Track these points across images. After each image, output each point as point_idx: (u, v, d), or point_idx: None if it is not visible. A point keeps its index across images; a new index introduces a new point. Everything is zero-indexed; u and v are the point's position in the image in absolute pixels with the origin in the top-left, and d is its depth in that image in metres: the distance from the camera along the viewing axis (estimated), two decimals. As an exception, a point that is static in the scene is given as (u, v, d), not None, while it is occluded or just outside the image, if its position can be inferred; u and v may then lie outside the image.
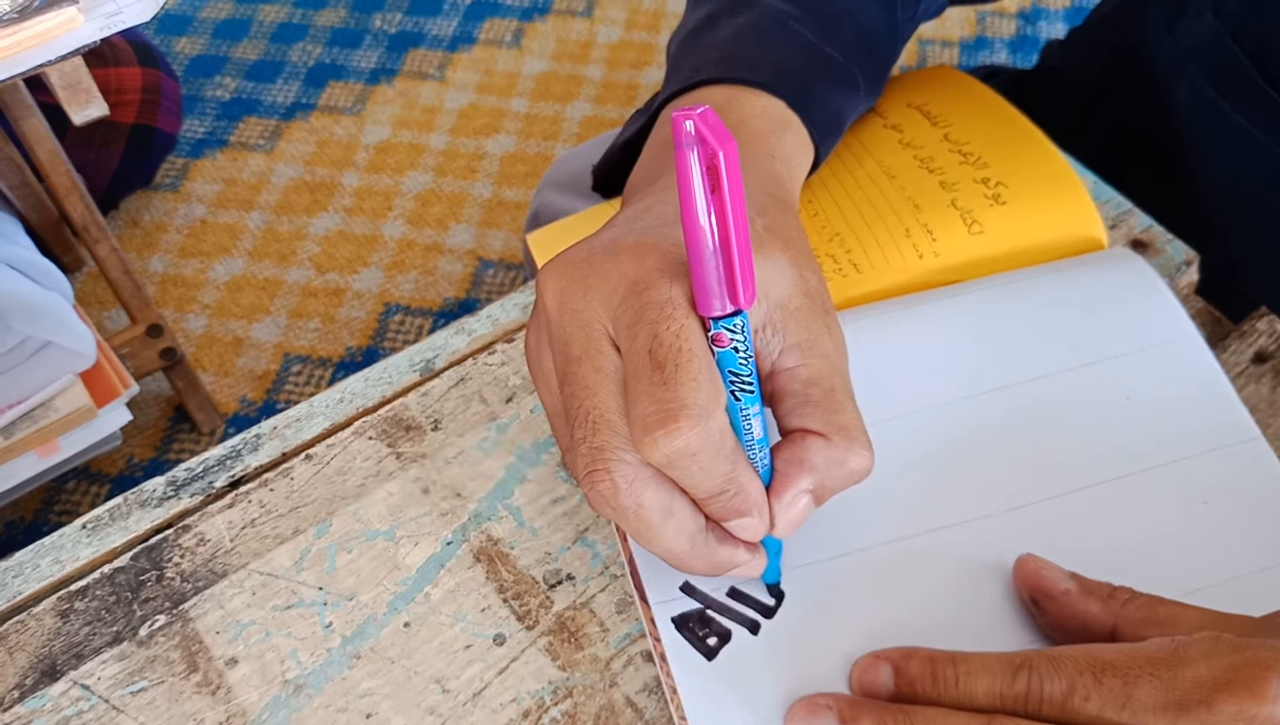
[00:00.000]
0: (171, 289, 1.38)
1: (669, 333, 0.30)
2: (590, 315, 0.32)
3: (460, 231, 1.44)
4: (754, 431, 0.32)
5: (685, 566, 0.33)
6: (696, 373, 0.29)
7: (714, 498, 0.31)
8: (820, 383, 0.32)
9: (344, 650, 0.37)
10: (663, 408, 0.29)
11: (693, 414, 0.29)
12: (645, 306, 0.30)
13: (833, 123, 0.42)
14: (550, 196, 0.66)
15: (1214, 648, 0.29)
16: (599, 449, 0.31)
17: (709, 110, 0.28)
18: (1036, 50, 1.62)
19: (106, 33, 0.75)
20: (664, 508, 0.31)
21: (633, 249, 0.32)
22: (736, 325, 0.30)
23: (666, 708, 0.35)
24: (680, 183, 0.28)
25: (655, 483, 0.31)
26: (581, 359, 0.31)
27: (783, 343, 0.32)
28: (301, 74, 1.63)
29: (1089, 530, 0.36)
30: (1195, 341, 0.40)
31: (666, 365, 0.29)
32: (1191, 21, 0.54)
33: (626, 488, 0.31)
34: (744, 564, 0.33)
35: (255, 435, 0.42)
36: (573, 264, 0.33)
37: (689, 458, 0.30)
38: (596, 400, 0.31)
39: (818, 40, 0.42)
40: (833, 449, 0.32)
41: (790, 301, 0.32)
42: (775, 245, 0.33)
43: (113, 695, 0.36)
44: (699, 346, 0.30)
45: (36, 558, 0.40)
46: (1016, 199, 0.44)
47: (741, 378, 0.31)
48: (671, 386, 0.29)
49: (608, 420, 0.31)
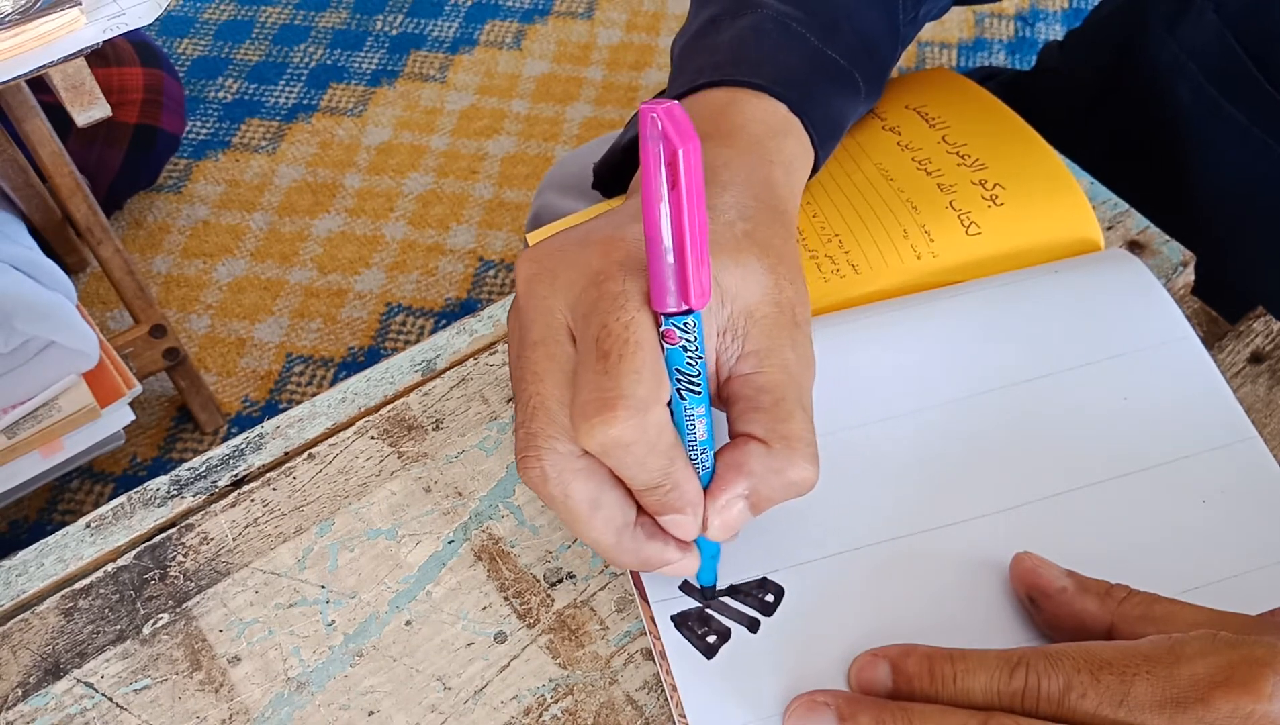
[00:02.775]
0: (174, 289, 1.39)
1: (618, 323, 0.30)
2: (553, 303, 0.32)
3: (461, 232, 1.44)
4: (697, 432, 0.32)
5: (612, 559, 0.33)
6: (639, 365, 0.30)
7: (648, 491, 0.32)
8: (772, 391, 0.32)
9: (346, 648, 0.37)
10: (601, 396, 0.29)
11: (630, 405, 0.29)
12: (600, 297, 0.31)
13: (833, 126, 0.43)
14: (551, 198, 0.67)
15: (1211, 645, 0.29)
16: (533, 435, 0.31)
17: (677, 106, 0.28)
18: (1034, 52, 1.62)
19: (109, 34, 0.76)
20: (591, 499, 0.32)
21: (601, 242, 0.32)
22: (687, 324, 0.30)
23: (666, 705, 0.36)
24: (643, 176, 0.28)
25: (585, 474, 0.31)
26: (537, 345, 0.32)
27: (741, 349, 0.32)
28: (303, 76, 1.63)
29: (1086, 529, 0.37)
30: (1192, 342, 0.41)
31: (611, 355, 0.30)
32: (1193, 21, 0.54)
33: (555, 477, 0.31)
34: (674, 563, 0.33)
35: (258, 435, 0.43)
36: (546, 253, 0.33)
37: (623, 448, 0.30)
38: (541, 386, 0.31)
39: (820, 43, 0.43)
40: (772, 457, 0.31)
41: (757, 309, 0.32)
42: (752, 251, 0.33)
43: (116, 693, 0.37)
44: (647, 340, 0.30)
45: (40, 556, 0.40)
46: (1013, 200, 0.45)
47: (688, 377, 0.31)
48: (613, 376, 0.30)
49: (547, 408, 0.31)
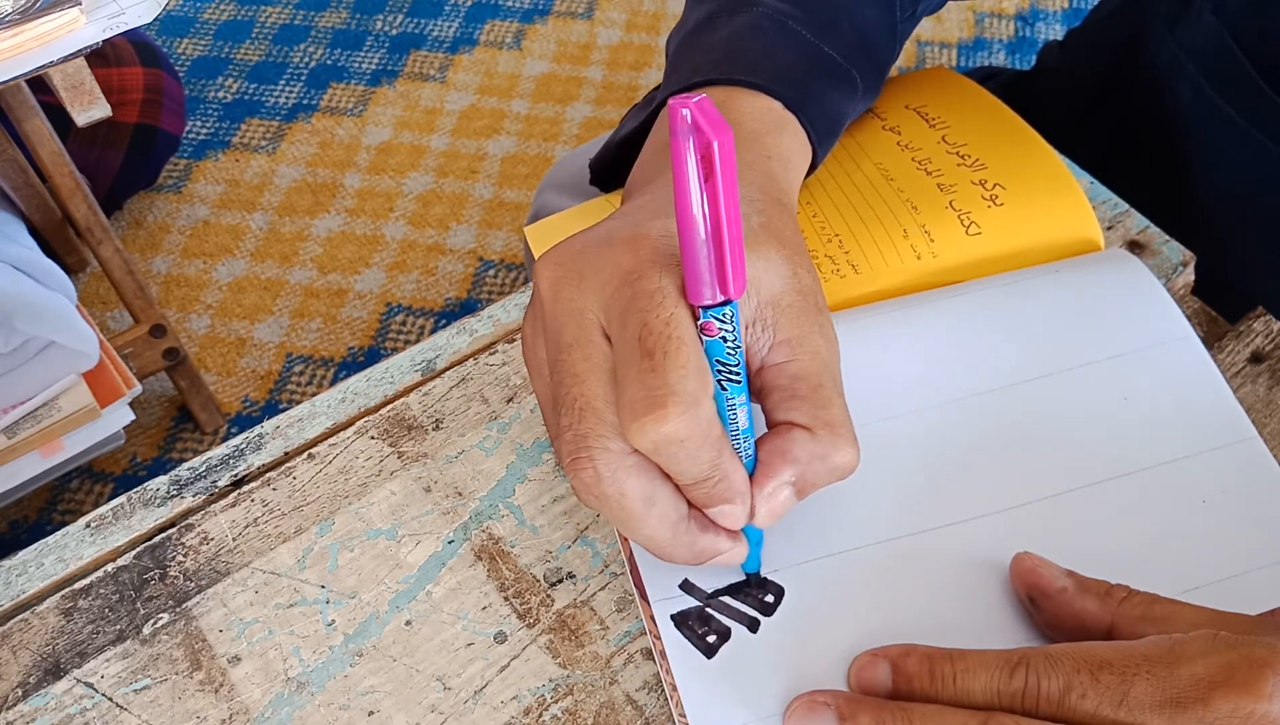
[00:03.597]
0: (174, 289, 1.39)
1: (659, 321, 0.30)
2: (583, 305, 0.32)
3: (461, 232, 1.44)
4: (739, 421, 0.32)
5: (667, 554, 0.33)
6: (685, 360, 0.30)
7: (699, 484, 0.32)
8: (808, 378, 0.32)
9: (346, 648, 0.37)
10: (651, 394, 0.29)
11: (680, 400, 0.29)
12: (636, 295, 0.31)
13: (831, 123, 0.43)
14: (551, 197, 0.67)
15: (1211, 645, 0.29)
16: (583, 437, 0.31)
17: (706, 99, 0.28)
18: (1034, 52, 1.62)
19: (109, 34, 0.76)
20: (646, 496, 0.31)
21: (627, 240, 0.32)
22: (725, 315, 0.30)
23: (666, 705, 0.36)
24: (675, 171, 0.28)
25: (638, 471, 0.31)
26: (572, 347, 0.32)
27: (773, 338, 0.32)
28: (303, 75, 1.63)
29: (1086, 529, 0.37)
30: (1192, 342, 0.41)
31: (655, 352, 0.30)
32: (1193, 22, 0.54)
33: (609, 476, 0.31)
34: (725, 552, 0.33)
35: (258, 435, 0.43)
36: (568, 255, 0.33)
37: (676, 444, 0.30)
38: (584, 387, 0.31)
39: (816, 40, 0.43)
40: (816, 443, 0.32)
41: (782, 298, 0.33)
42: (770, 243, 0.33)
43: (116, 693, 0.37)
44: (688, 335, 0.30)
45: (40, 556, 0.40)
46: (1013, 200, 0.45)
47: (729, 367, 0.31)
48: (660, 373, 0.29)
49: (594, 408, 0.31)
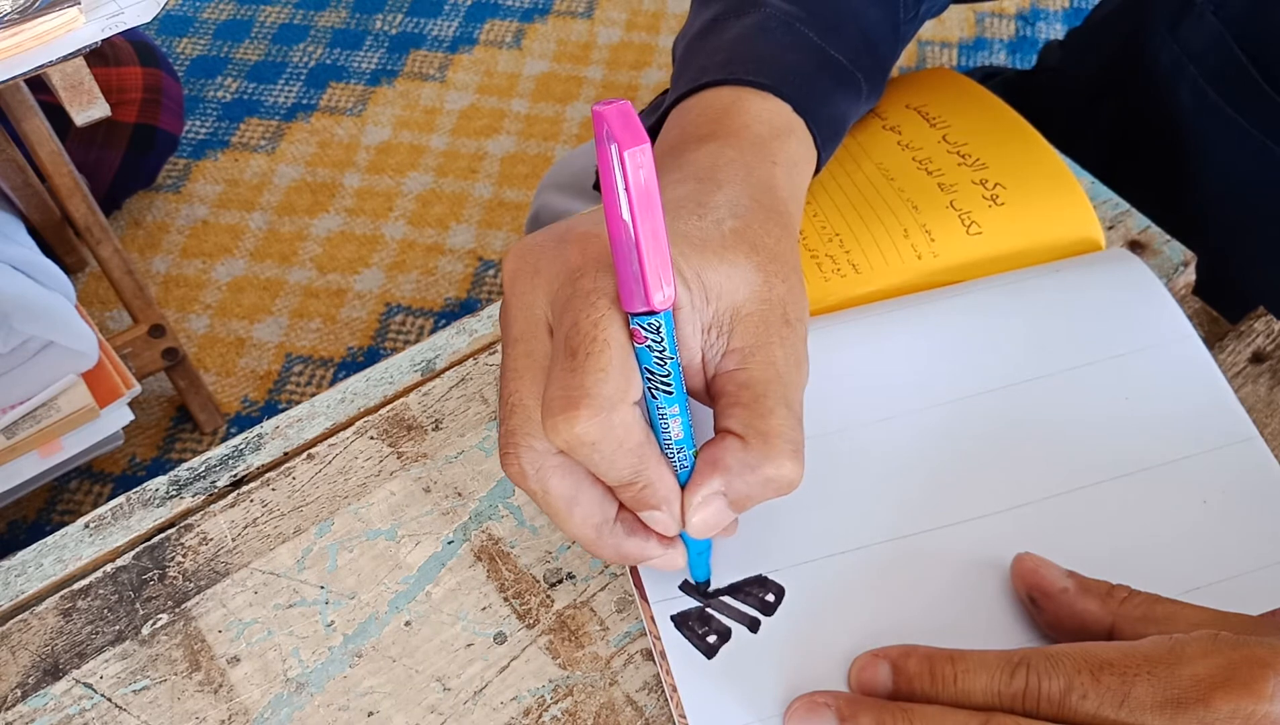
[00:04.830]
0: (174, 289, 1.38)
1: (588, 321, 0.30)
2: (533, 299, 0.32)
3: (461, 232, 1.44)
4: (672, 431, 0.31)
5: (594, 553, 0.33)
6: (606, 364, 0.30)
7: (622, 488, 0.32)
8: (753, 387, 0.32)
9: (345, 649, 0.37)
10: (566, 394, 0.30)
11: (593, 403, 0.29)
12: (574, 294, 0.31)
13: (836, 126, 0.42)
14: (551, 197, 0.67)
15: (1212, 646, 0.29)
16: (511, 432, 0.32)
17: (626, 105, 0.27)
18: (1035, 51, 1.62)
19: (108, 33, 0.75)
20: (569, 496, 0.32)
21: (580, 238, 0.32)
22: (651, 324, 0.30)
23: (666, 706, 0.35)
24: (601, 177, 0.28)
25: (562, 471, 0.31)
26: (517, 342, 0.32)
27: (726, 346, 0.32)
28: (303, 75, 1.63)
29: (1087, 529, 0.36)
30: (1193, 342, 0.41)
31: (579, 352, 0.30)
32: (1194, 23, 0.54)
33: (534, 473, 0.31)
34: (657, 558, 0.33)
35: (257, 435, 0.42)
36: (530, 249, 0.33)
37: (588, 446, 0.30)
38: (519, 384, 0.32)
39: (823, 43, 0.43)
40: (748, 452, 0.31)
41: (744, 306, 0.32)
42: (740, 249, 0.33)
43: (115, 694, 0.37)
44: (615, 338, 0.30)
45: (39, 557, 0.40)
46: (1014, 200, 0.44)
47: (658, 377, 0.31)
48: (579, 374, 0.30)
49: (524, 404, 0.31)
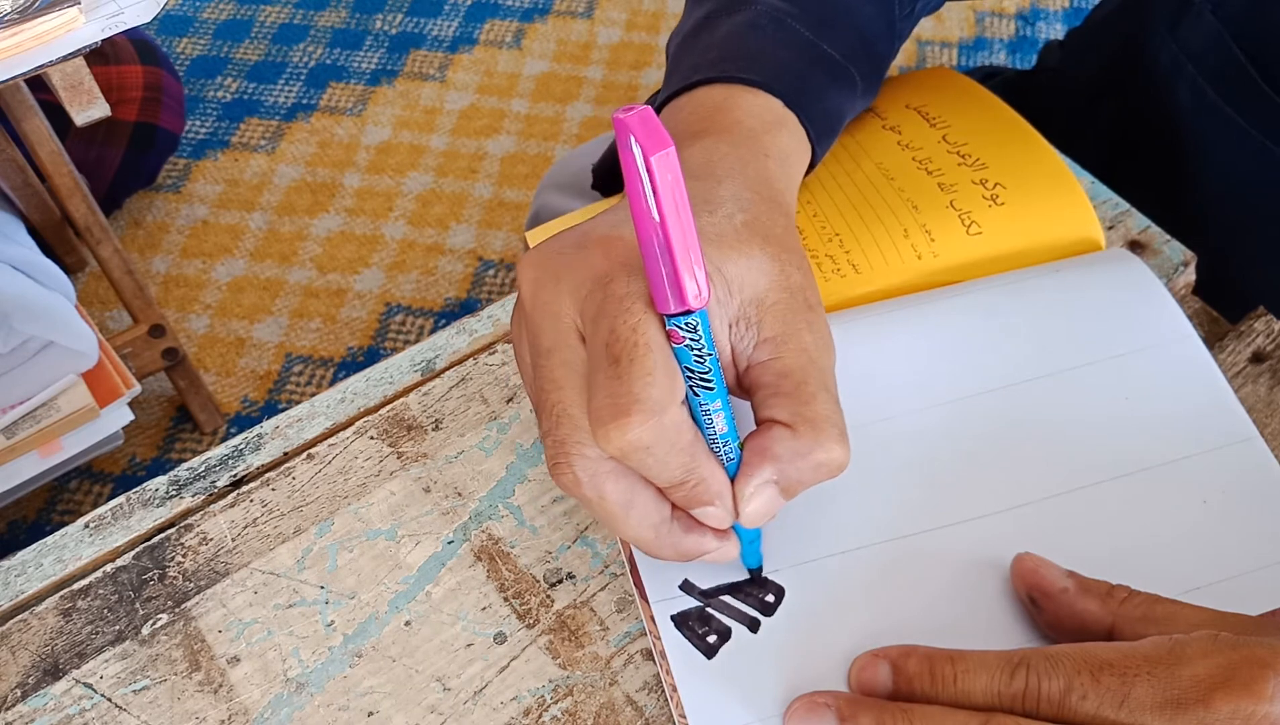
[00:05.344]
0: (174, 289, 1.38)
1: (625, 327, 0.30)
2: (560, 308, 0.32)
3: (461, 232, 1.44)
4: (716, 426, 0.32)
5: (654, 554, 0.33)
6: (650, 367, 0.30)
7: (675, 488, 0.32)
8: (791, 375, 0.32)
9: (345, 649, 0.37)
10: (615, 401, 0.29)
11: (644, 408, 0.29)
12: (606, 300, 0.31)
13: (830, 121, 0.43)
14: (551, 197, 0.67)
15: (1212, 646, 0.29)
16: (561, 443, 0.31)
17: (649, 112, 0.28)
18: (1035, 51, 1.62)
19: (108, 33, 0.75)
20: (625, 500, 0.32)
21: (601, 242, 0.32)
22: (688, 324, 0.30)
23: (666, 706, 0.35)
24: (626, 183, 0.28)
25: (616, 475, 0.31)
26: (550, 352, 0.32)
27: (757, 336, 0.32)
28: (303, 75, 1.63)
29: (1087, 529, 0.36)
30: (1193, 342, 0.41)
31: (621, 359, 0.30)
32: (1193, 22, 0.54)
33: (588, 480, 0.31)
34: (713, 551, 0.33)
35: (257, 435, 0.42)
36: (547, 256, 0.33)
37: (642, 451, 0.30)
38: (561, 394, 0.31)
39: (814, 38, 0.43)
40: (797, 439, 0.31)
41: (767, 297, 0.32)
42: (753, 241, 0.33)
43: (115, 694, 0.37)
44: (655, 341, 0.30)
45: (39, 557, 0.40)
46: (1014, 200, 0.44)
47: (698, 374, 0.31)
48: (625, 381, 0.29)
49: (570, 414, 0.31)
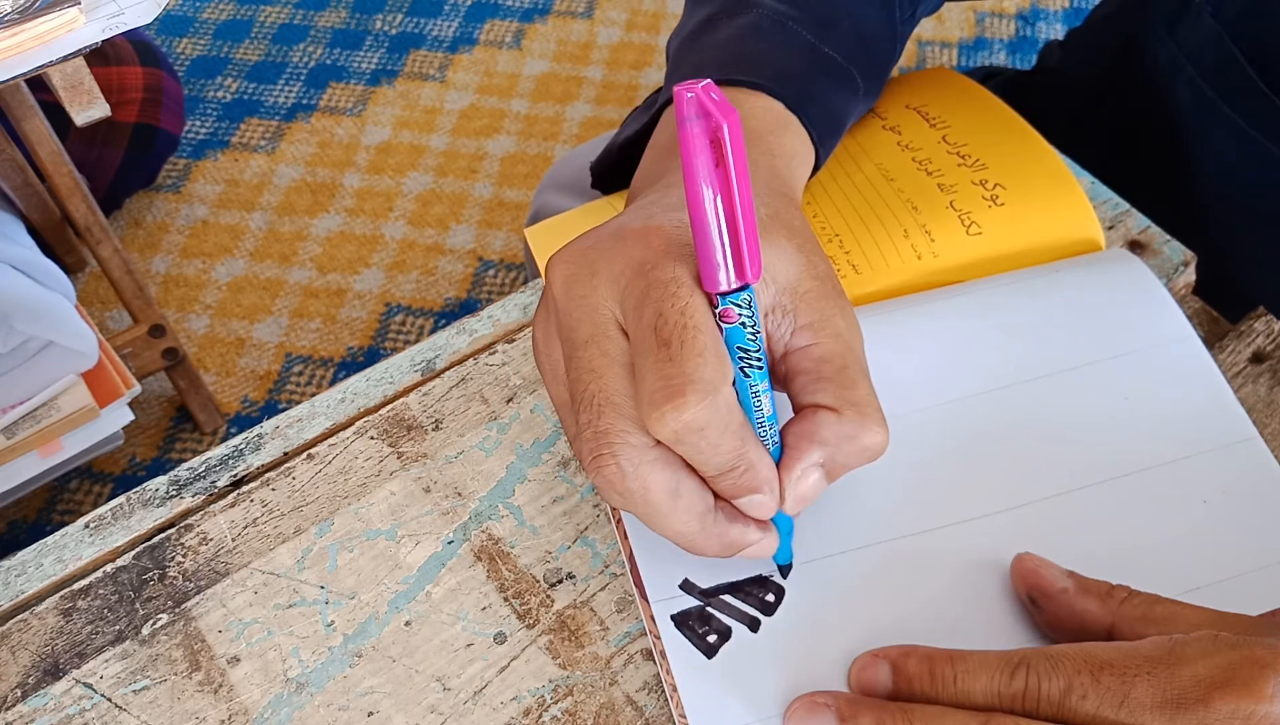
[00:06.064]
0: (174, 289, 1.38)
1: (674, 310, 0.30)
2: (597, 300, 0.32)
3: (461, 232, 1.44)
4: (764, 408, 0.31)
5: (697, 548, 0.32)
6: (702, 348, 0.29)
7: (724, 474, 0.31)
8: (833, 360, 0.32)
9: (345, 649, 0.37)
10: (669, 383, 0.29)
11: (699, 388, 0.29)
12: (651, 285, 0.30)
13: (833, 123, 0.43)
14: (551, 197, 0.67)
15: (1211, 646, 0.29)
16: (604, 432, 0.31)
17: (711, 84, 0.27)
18: (1035, 51, 1.62)
19: (108, 34, 0.75)
20: (671, 489, 0.31)
21: (638, 233, 0.32)
22: (744, 300, 0.30)
23: (666, 706, 0.35)
24: (684, 157, 0.28)
25: (661, 464, 0.31)
26: (588, 343, 0.31)
27: (794, 324, 0.32)
28: (303, 75, 1.63)
29: (1087, 529, 0.36)
30: (1193, 342, 0.41)
31: (672, 342, 0.29)
32: (1192, 23, 0.54)
33: (633, 471, 0.30)
34: (755, 543, 0.33)
35: (257, 435, 0.42)
36: (579, 251, 0.33)
37: (697, 432, 0.29)
38: (602, 382, 0.31)
39: (816, 41, 0.43)
40: (844, 423, 0.31)
41: (799, 285, 0.32)
42: (780, 232, 0.33)
43: (115, 694, 0.37)
44: (705, 323, 0.30)
45: (39, 557, 0.40)
46: (1014, 200, 0.44)
47: (750, 353, 0.31)
48: (678, 362, 0.29)
49: (613, 403, 0.31)
